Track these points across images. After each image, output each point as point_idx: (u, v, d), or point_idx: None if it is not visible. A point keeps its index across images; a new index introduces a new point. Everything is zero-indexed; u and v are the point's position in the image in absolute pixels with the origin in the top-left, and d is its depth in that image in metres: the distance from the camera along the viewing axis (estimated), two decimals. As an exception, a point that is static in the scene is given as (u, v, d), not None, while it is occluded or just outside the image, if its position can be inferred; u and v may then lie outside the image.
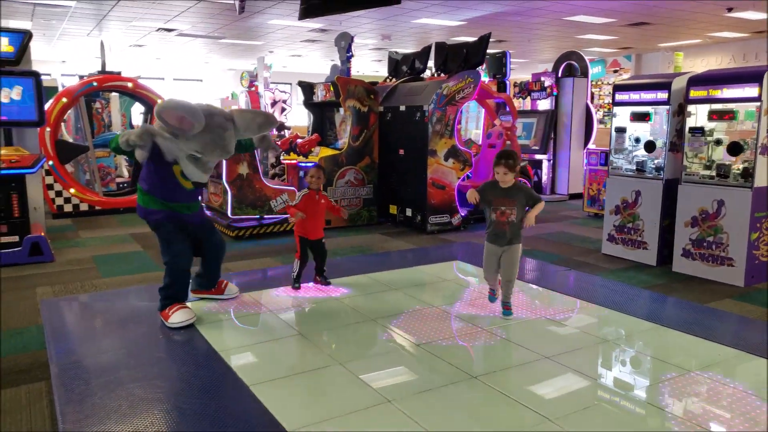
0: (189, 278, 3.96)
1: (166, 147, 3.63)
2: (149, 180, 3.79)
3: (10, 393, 3.09)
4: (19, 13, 12.22)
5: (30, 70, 6.04)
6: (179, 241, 3.85)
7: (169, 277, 3.82)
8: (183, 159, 3.66)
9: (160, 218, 3.80)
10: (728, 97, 4.90)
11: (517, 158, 3.83)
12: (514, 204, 3.79)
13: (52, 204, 8.29)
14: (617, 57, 20.42)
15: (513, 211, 3.78)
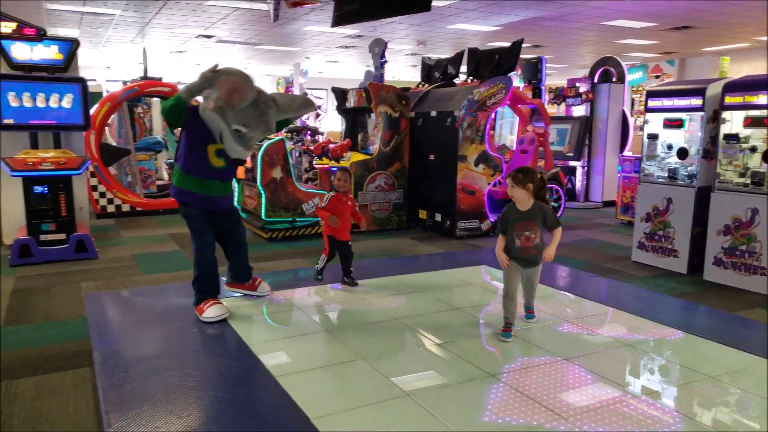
0: (216, 269, 4.09)
1: (211, 118, 3.69)
2: (184, 158, 3.91)
3: (59, 377, 3.32)
4: (67, 21, 12.79)
5: (77, 76, 6.35)
6: (205, 232, 4.01)
7: (197, 268, 3.99)
8: (227, 133, 3.72)
9: (191, 201, 3.92)
10: (765, 104, 4.83)
11: (529, 173, 3.59)
12: (537, 226, 3.61)
13: (96, 205, 8.65)
14: (659, 62, 20.06)
15: (537, 234, 3.62)
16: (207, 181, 3.93)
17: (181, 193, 3.95)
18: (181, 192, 3.95)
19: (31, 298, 4.79)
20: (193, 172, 3.90)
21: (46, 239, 5.96)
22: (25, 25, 6.01)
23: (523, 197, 3.57)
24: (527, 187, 3.54)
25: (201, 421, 2.67)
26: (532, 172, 3.63)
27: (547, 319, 4.09)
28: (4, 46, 5.95)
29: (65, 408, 2.96)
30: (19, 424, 2.80)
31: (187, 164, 3.91)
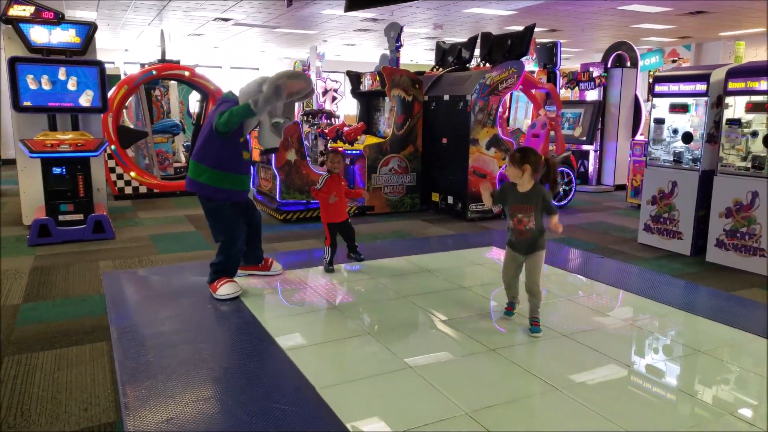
0: (241, 258, 4.22)
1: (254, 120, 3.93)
2: (217, 155, 3.89)
3: (77, 350, 3.46)
4: (84, 5, 12.92)
5: (94, 59, 6.47)
6: (239, 225, 4.10)
7: (223, 255, 4.05)
8: (265, 125, 3.90)
9: (224, 198, 3.98)
10: (766, 89, 4.86)
11: (528, 154, 3.38)
12: (532, 210, 3.38)
13: (114, 186, 8.83)
14: (676, 46, 19.78)
15: (531, 219, 3.38)
16: (242, 176, 4.04)
17: (218, 192, 3.95)
18: (218, 191, 3.95)
19: (50, 276, 4.95)
20: (231, 169, 3.94)
21: (65, 219, 6.12)
22: (43, 9, 6.12)
23: (516, 176, 3.36)
24: (524, 168, 3.33)
25: (212, 389, 2.78)
26: (533, 153, 3.41)
27: (550, 297, 4.15)
28: (23, 29, 6.08)
29: (83, 378, 3.10)
30: (39, 393, 2.94)
31: (221, 162, 3.91)
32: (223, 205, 4.02)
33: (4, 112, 12.24)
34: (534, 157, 3.37)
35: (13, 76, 5.97)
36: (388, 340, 3.34)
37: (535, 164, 3.33)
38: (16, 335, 3.66)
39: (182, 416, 2.51)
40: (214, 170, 3.92)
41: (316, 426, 2.46)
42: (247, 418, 2.51)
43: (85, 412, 2.75)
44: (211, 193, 3.96)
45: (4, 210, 7.91)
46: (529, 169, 3.33)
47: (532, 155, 3.38)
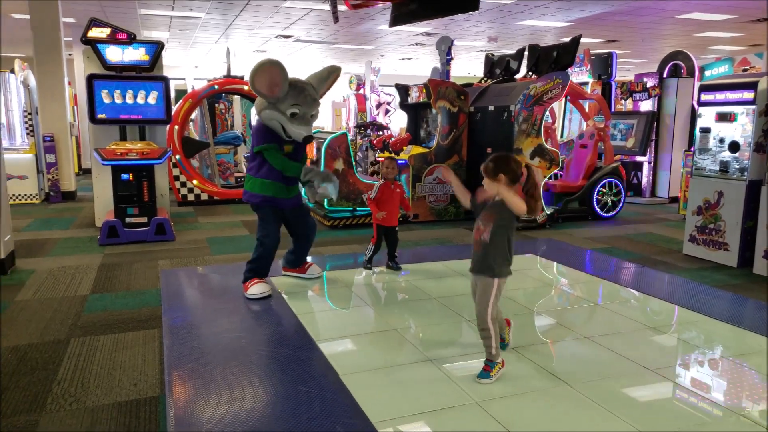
0: (273, 257, 4.45)
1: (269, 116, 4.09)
2: (263, 168, 4.24)
3: (132, 335, 3.85)
4: (159, 24, 13.86)
5: (161, 75, 7.02)
6: (273, 223, 4.37)
7: (257, 252, 4.35)
8: (286, 121, 4.10)
9: (260, 201, 4.29)
10: (818, 96, 4.76)
11: (500, 162, 2.82)
12: (492, 220, 2.85)
13: (178, 193, 9.43)
14: (747, 55, 19.03)
15: (487, 231, 2.87)
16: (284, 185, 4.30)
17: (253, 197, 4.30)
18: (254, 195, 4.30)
19: (115, 272, 5.43)
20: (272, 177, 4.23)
21: (131, 222, 6.65)
22: (117, 30, 6.72)
23: (492, 189, 2.81)
24: (498, 178, 2.79)
25: (245, 371, 3.06)
26: (507, 160, 2.85)
27: (580, 302, 4.23)
28: (100, 49, 6.69)
29: (135, 359, 3.46)
30: (98, 369, 3.31)
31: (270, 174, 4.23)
32: (263, 208, 4.31)
33: (83, 126, 13.25)
34: (510, 165, 2.83)
35: (90, 91, 6.59)
36: (413, 336, 3.54)
37: (512, 173, 2.80)
38: (82, 320, 4.10)
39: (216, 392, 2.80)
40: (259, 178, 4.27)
41: (335, 406, 2.69)
42: (273, 398, 2.77)
43: (134, 387, 3.09)
44: (248, 198, 4.34)
45: (82, 213, 8.62)
46: (504, 179, 2.79)
47: (506, 163, 2.83)
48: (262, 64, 3.94)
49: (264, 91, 4.01)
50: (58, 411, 2.84)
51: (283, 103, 4.06)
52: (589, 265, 5.64)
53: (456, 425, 2.54)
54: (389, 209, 4.89)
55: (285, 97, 4.06)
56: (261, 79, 3.96)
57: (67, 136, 10.14)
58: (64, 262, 5.79)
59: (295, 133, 4.13)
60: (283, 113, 4.07)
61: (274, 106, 4.07)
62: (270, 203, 4.31)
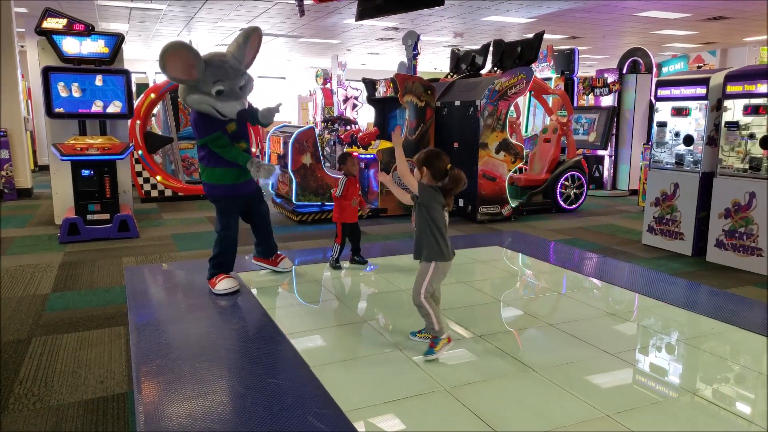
0: (235, 250, 4.37)
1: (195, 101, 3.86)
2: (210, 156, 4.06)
3: (97, 333, 3.78)
4: (118, 16, 13.52)
5: (121, 68, 6.87)
6: (233, 215, 4.25)
7: (218, 247, 4.24)
8: (214, 101, 3.86)
9: (221, 193, 4.17)
10: (764, 92, 4.97)
11: (429, 156, 3.06)
12: (415, 209, 3.11)
13: (141, 189, 9.25)
14: (701, 52, 19.63)
15: (413, 218, 3.15)
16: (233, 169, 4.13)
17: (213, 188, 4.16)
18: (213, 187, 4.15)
19: (77, 270, 5.31)
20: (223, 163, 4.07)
21: (92, 219, 6.51)
22: (74, 21, 6.55)
23: (417, 177, 3.07)
24: (421, 170, 3.04)
25: (214, 366, 3.04)
26: (436, 156, 3.06)
27: (544, 291, 4.33)
28: (56, 40, 6.51)
29: (101, 356, 3.41)
30: (62, 368, 3.25)
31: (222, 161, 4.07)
32: (222, 200, 4.18)
33: (39, 121, 12.86)
34: (436, 161, 3.03)
35: (46, 84, 6.40)
36: (383, 327, 3.57)
37: (435, 169, 3.01)
38: (44, 319, 4.00)
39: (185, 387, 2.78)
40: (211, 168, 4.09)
41: (306, 397, 2.70)
42: (244, 391, 2.77)
43: (101, 384, 3.04)
44: (213, 190, 4.16)
45: (39, 211, 8.39)
46: (426, 172, 3.03)
47: (435, 160, 3.04)
48: (168, 48, 3.66)
49: (181, 77, 3.78)
50: (21, 411, 2.78)
51: (205, 83, 3.82)
52: (553, 256, 5.76)
53: (426, 411, 2.58)
54: (352, 207, 4.90)
55: (204, 76, 3.81)
56: (173, 65, 3.70)
57: (22, 131, 9.83)
58: (23, 260, 5.63)
59: (228, 110, 3.90)
60: (208, 94, 3.83)
61: (196, 89, 3.85)
62: (231, 192, 4.17)
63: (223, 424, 2.45)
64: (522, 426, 2.44)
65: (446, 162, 3.03)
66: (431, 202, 3.01)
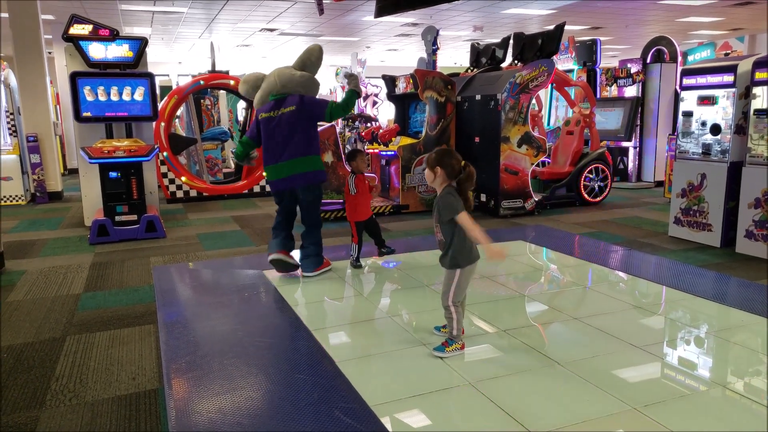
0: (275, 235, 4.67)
1: None
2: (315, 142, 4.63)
3: (128, 331, 3.86)
4: (141, 20, 13.73)
5: (146, 72, 6.98)
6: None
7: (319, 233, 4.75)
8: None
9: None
10: (794, 79, 4.85)
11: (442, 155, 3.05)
12: (437, 220, 3.09)
13: (166, 190, 9.40)
14: (728, 39, 19.20)
15: (438, 229, 3.11)
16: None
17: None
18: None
19: (107, 270, 5.43)
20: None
21: (120, 220, 6.63)
22: (100, 27, 6.67)
23: (429, 178, 3.08)
24: (435, 170, 3.02)
25: (242, 362, 3.10)
26: (449, 155, 3.05)
27: (569, 285, 4.31)
28: (83, 46, 6.64)
29: (132, 354, 3.48)
30: (95, 365, 3.33)
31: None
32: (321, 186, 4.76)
33: (68, 125, 13.14)
34: (449, 159, 3.01)
35: (74, 89, 6.54)
36: (405, 322, 3.59)
37: (449, 167, 3.00)
38: (77, 318, 4.11)
39: (214, 383, 2.84)
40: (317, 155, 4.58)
41: (332, 392, 2.73)
42: (271, 386, 2.81)
43: (133, 381, 3.12)
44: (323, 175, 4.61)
45: (69, 213, 8.58)
46: (440, 172, 3.01)
47: (447, 158, 3.03)
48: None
49: None
50: (57, 407, 2.86)
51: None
52: (578, 250, 5.72)
53: (450, 405, 2.60)
54: (363, 203, 4.88)
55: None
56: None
57: (52, 135, 10.06)
58: (55, 262, 5.78)
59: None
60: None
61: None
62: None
63: (251, 419, 2.50)
64: (548, 420, 2.44)
65: (459, 160, 3.03)
66: (454, 214, 2.96)
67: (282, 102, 4.47)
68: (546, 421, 2.42)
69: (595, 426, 2.38)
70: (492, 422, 2.44)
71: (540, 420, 2.44)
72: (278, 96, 4.51)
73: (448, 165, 3.01)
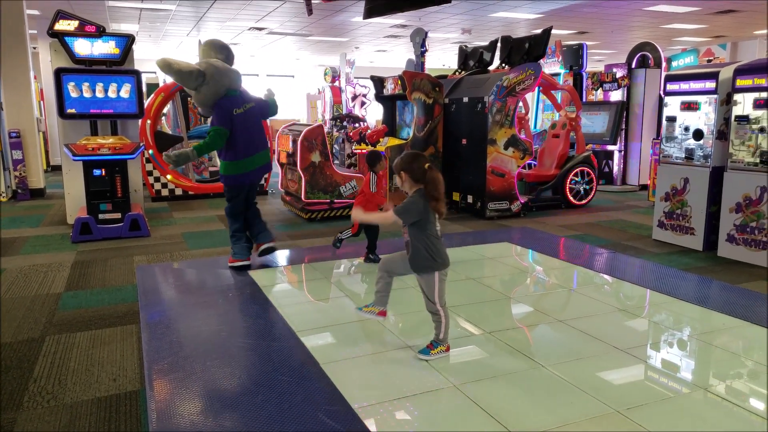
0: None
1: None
2: None
3: (109, 331, 3.81)
4: (128, 17, 13.60)
5: (132, 69, 6.91)
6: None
7: None
8: None
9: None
10: (773, 86, 4.92)
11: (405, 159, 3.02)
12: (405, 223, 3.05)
13: (152, 188, 9.31)
14: (711, 46, 19.44)
15: (405, 231, 3.10)
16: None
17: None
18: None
19: (90, 269, 5.36)
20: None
21: (104, 218, 6.55)
22: (86, 23, 6.59)
23: (398, 183, 3.07)
24: (401, 175, 3.01)
25: (225, 364, 3.07)
26: (413, 159, 3.00)
27: (554, 287, 4.32)
28: (68, 42, 6.56)
29: (113, 355, 3.44)
30: (75, 366, 3.28)
31: None
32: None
33: (51, 122, 12.97)
34: (413, 164, 2.98)
35: (59, 85, 6.45)
36: (390, 324, 3.58)
37: (413, 172, 2.97)
38: (57, 318, 4.05)
39: (196, 385, 2.81)
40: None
41: (316, 394, 2.72)
42: (254, 388, 2.79)
43: (114, 382, 3.08)
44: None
45: (51, 211, 8.46)
46: (405, 176, 2.99)
47: (413, 162, 2.98)
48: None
49: None
50: (35, 408, 2.81)
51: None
52: (563, 252, 5.75)
53: (435, 408, 2.59)
54: (378, 201, 4.83)
55: None
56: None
57: (35, 131, 9.92)
58: (36, 260, 5.69)
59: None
60: None
61: None
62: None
63: (233, 421, 2.47)
64: (532, 422, 2.44)
65: (424, 163, 2.97)
66: (420, 217, 2.96)
67: (242, 97, 4.75)
68: (529, 423, 2.43)
69: (578, 428, 2.39)
70: (476, 424, 2.44)
71: (524, 422, 2.44)
72: (236, 92, 4.74)
73: (413, 169, 2.97)
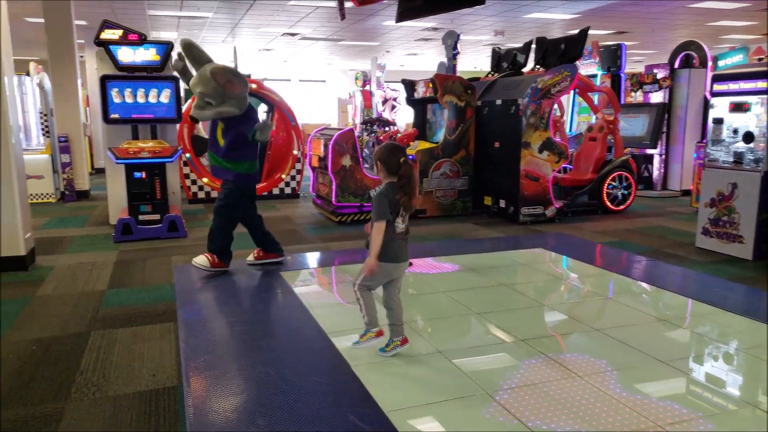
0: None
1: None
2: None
3: (149, 328, 3.93)
4: (167, 25, 13.97)
5: (171, 75, 7.08)
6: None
7: None
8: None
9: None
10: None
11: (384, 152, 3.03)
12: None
13: (188, 191, 9.52)
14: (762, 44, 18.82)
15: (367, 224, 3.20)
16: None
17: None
18: None
19: (130, 268, 5.52)
20: None
21: (144, 219, 6.74)
22: (129, 32, 6.81)
23: (376, 172, 3.11)
24: (377, 164, 3.04)
25: (258, 363, 3.13)
26: (390, 150, 3.02)
27: (590, 295, 4.27)
28: (112, 50, 6.78)
29: (153, 351, 3.55)
30: (118, 360, 3.40)
31: None
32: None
33: (96, 126, 13.40)
34: (388, 156, 2.99)
35: (104, 92, 6.68)
36: (417, 326, 3.60)
37: (388, 165, 2.99)
38: (101, 314, 4.20)
39: (231, 383, 2.88)
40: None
41: (347, 396, 2.75)
42: (287, 388, 2.83)
43: (153, 377, 3.17)
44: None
45: (95, 212, 8.75)
46: (380, 166, 3.02)
47: (389, 155, 3.00)
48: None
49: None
50: (81, 400, 2.93)
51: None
52: (600, 259, 5.66)
53: (465, 414, 2.59)
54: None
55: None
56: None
57: (81, 136, 10.28)
58: (81, 258, 5.90)
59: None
60: None
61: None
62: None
63: (266, 419, 2.52)
64: None
65: (400, 156, 2.99)
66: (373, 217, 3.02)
67: None
68: None
69: (612, 436, 2.36)
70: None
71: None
72: None
73: (388, 162, 2.98)
